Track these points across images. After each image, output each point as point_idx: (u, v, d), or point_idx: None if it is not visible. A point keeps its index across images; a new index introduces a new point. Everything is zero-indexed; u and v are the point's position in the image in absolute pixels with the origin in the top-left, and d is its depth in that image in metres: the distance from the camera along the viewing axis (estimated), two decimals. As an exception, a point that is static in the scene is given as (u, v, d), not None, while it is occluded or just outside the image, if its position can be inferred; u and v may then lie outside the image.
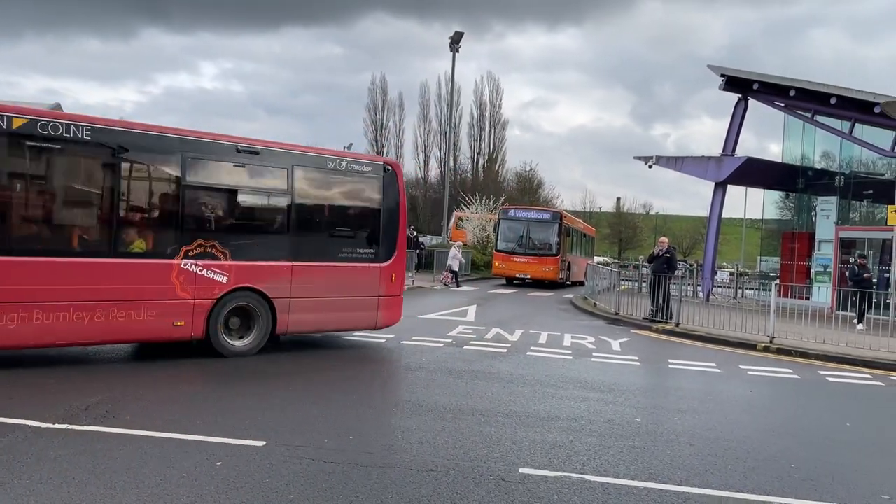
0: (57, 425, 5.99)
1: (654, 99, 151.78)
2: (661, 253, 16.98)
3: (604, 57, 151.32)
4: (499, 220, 31.70)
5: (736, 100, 25.93)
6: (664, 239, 17.90)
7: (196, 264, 9.15)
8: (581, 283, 30.92)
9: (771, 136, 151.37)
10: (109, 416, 6.39)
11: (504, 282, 30.11)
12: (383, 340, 11.84)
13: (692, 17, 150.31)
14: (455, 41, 38.02)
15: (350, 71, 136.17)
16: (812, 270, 24.81)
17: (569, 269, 31.96)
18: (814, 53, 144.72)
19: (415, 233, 31.61)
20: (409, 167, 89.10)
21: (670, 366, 11.31)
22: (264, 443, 5.80)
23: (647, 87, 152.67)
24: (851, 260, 19.16)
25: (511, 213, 31.55)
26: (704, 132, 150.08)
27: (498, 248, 30.62)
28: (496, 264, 30.47)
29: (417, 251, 29.86)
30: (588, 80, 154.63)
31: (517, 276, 29.65)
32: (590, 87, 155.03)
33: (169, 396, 7.26)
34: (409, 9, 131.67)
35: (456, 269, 26.77)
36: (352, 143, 73.34)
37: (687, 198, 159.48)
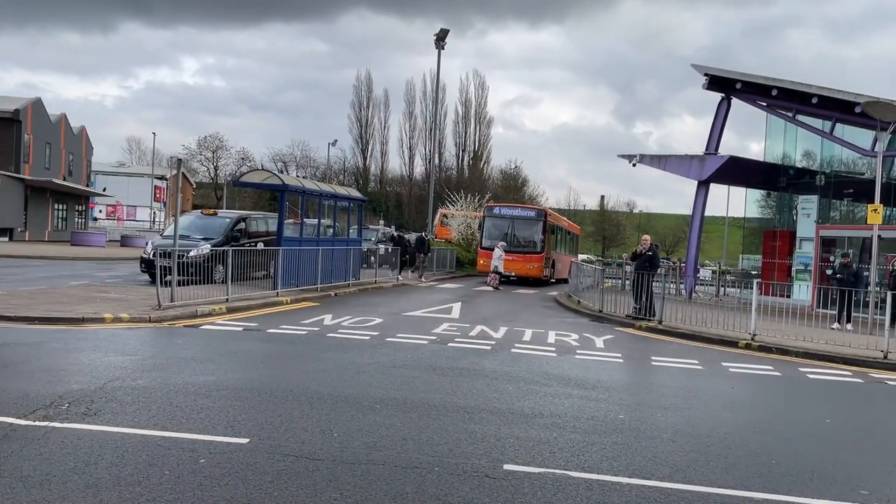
0: (37, 423, 5.93)
1: (636, 97, 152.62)
2: (643, 251, 17.13)
3: (588, 55, 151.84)
4: (484, 217, 31.77)
5: (719, 99, 26.14)
6: (647, 237, 18.11)
7: None
8: (565, 281, 30.96)
9: (752, 135, 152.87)
10: (91, 413, 6.33)
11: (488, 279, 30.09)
12: (367, 338, 11.83)
13: (672, 17, 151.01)
14: (440, 38, 38.04)
15: (335, 67, 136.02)
16: (793, 269, 25.08)
17: (553, 266, 32.10)
18: (793, 54, 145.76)
19: (428, 237, 30.67)
20: (395, 164, 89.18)
21: (653, 363, 11.39)
22: (247, 440, 5.78)
23: (630, 85, 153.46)
24: (832, 258, 19.38)
25: (496, 210, 31.69)
26: (686, 131, 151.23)
27: (483, 245, 30.64)
28: (481, 261, 30.40)
29: (427, 253, 28.38)
30: (572, 78, 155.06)
31: (502, 273, 29.70)
32: (573, 84, 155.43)
33: (151, 393, 7.20)
34: (391, 5, 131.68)
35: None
36: (336, 140, 73.30)
37: (670, 196, 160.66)
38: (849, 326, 16.57)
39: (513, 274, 29.30)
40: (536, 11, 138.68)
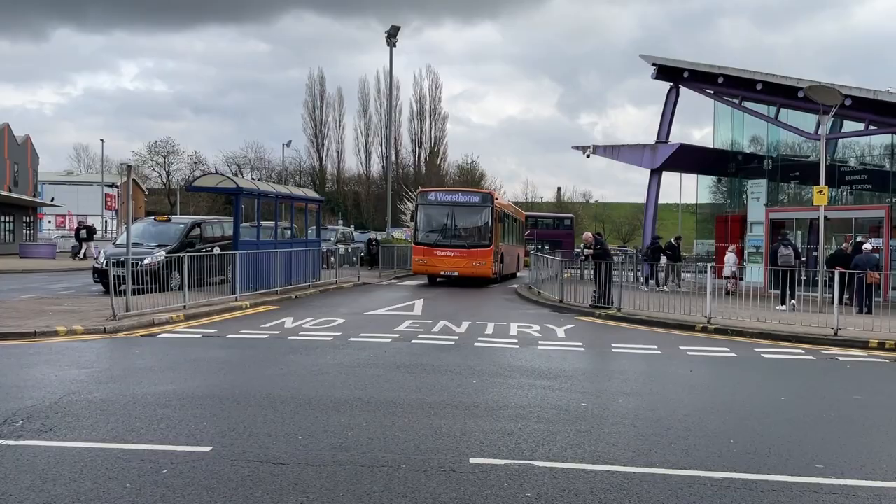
0: (-10, 442, 5.76)
1: (579, 89, 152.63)
2: (593, 247, 17.77)
3: (527, 49, 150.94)
4: (417, 205, 26.06)
5: (667, 88, 26.59)
6: (587, 234, 19.32)
7: None
8: (513, 276, 29.94)
9: (693, 122, 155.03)
10: (46, 429, 6.18)
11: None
12: (330, 339, 11.76)
13: (602, 11, 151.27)
14: (392, 35, 37.94)
15: (278, 68, 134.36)
16: (745, 252, 25.68)
17: (502, 261, 27.08)
18: (724, 41, 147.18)
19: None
20: (352, 163, 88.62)
21: (614, 350, 11.56)
22: (210, 448, 5.70)
23: (572, 77, 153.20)
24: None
25: (431, 196, 26.12)
26: (629, 121, 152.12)
27: (417, 240, 25.26)
28: (415, 260, 25.21)
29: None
30: (514, 72, 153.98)
31: (442, 273, 24.84)
32: (517, 78, 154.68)
33: (108, 405, 7.05)
34: (325, 5, 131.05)
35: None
36: (291, 141, 72.47)
37: (618, 185, 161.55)
38: (792, 303, 16.89)
39: (456, 273, 24.64)
40: (470, 9, 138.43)
